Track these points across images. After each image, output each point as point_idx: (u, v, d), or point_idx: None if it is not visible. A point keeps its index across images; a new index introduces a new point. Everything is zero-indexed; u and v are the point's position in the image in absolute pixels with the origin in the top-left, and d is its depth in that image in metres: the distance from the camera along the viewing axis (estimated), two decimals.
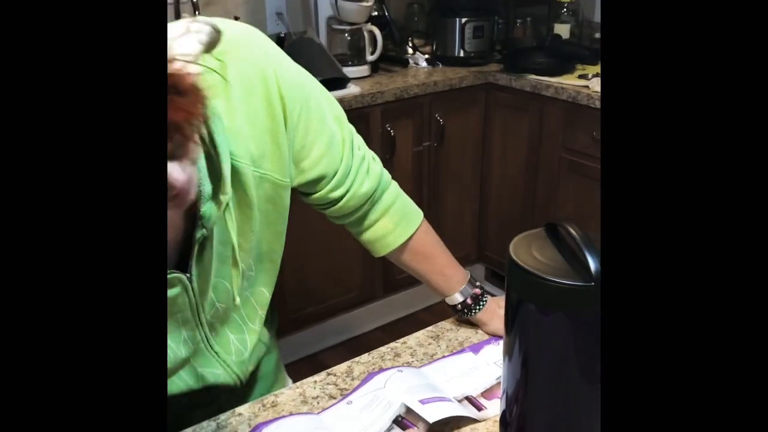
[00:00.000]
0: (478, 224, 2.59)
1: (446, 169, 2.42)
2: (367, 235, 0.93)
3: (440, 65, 2.45)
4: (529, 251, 0.64)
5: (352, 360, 0.93)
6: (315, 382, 0.89)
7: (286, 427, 0.79)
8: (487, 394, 0.86)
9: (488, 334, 0.97)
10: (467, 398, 0.85)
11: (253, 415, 0.82)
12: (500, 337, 0.96)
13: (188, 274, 0.74)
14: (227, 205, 0.72)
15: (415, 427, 0.80)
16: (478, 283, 0.97)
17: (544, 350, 0.65)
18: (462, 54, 2.43)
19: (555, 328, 0.63)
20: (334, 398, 0.85)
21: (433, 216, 2.45)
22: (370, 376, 0.88)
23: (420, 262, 0.96)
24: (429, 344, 0.96)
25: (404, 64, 2.45)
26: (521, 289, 0.64)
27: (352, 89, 2.11)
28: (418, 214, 0.96)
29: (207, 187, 0.69)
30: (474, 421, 0.81)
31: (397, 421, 0.80)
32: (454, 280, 0.96)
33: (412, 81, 2.25)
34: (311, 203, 0.89)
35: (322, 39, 2.30)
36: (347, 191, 0.87)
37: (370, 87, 2.16)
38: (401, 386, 0.85)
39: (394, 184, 0.94)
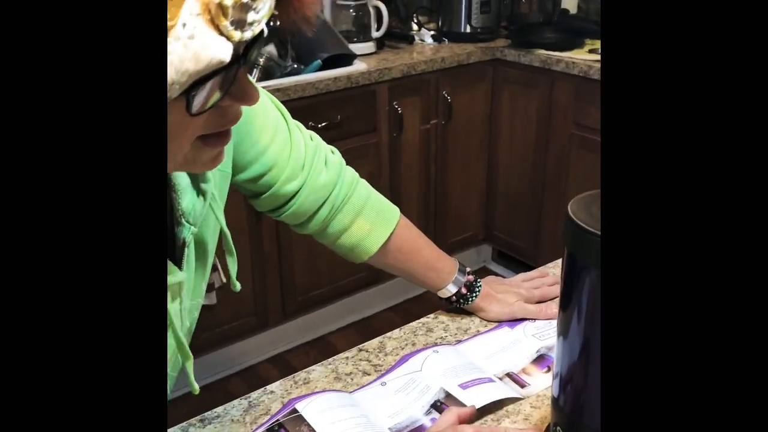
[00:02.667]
0: (485, 204, 2.55)
1: (454, 148, 2.38)
2: (344, 241, 0.86)
3: (446, 41, 2.40)
4: (589, 211, 0.60)
5: (383, 335, 0.89)
6: (347, 358, 0.85)
7: (318, 403, 0.76)
8: (529, 369, 0.82)
9: (489, 321, 0.91)
10: (508, 375, 0.81)
11: (286, 392, 0.79)
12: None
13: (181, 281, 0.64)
14: (213, 194, 0.65)
15: None
16: (468, 269, 0.91)
17: None
18: (469, 29, 2.38)
19: None
20: (368, 374, 0.82)
21: (440, 195, 2.41)
22: (405, 357, 0.84)
23: (406, 260, 0.89)
24: (462, 318, 0.92)
25: (409, 40, 2.39)
26: (582, 253, 0.60)
27: (359, 66, 2.06)
28: (394, 210, 0.89)
29: (183, 179, 0.62)
30: (517, 399, 0.77)
31: (436, 406, 0.77)
32: (444, 272, 0.89)
33: (419, 57, 2.20)
34: (267, 209, 0.82)
35: (327, 15, 2.25)
36: (303, 183, 0.80)
37: (377, 63, 2.12)
38: (439, 368, 0.81)
39: (364, 183, 0.88)
